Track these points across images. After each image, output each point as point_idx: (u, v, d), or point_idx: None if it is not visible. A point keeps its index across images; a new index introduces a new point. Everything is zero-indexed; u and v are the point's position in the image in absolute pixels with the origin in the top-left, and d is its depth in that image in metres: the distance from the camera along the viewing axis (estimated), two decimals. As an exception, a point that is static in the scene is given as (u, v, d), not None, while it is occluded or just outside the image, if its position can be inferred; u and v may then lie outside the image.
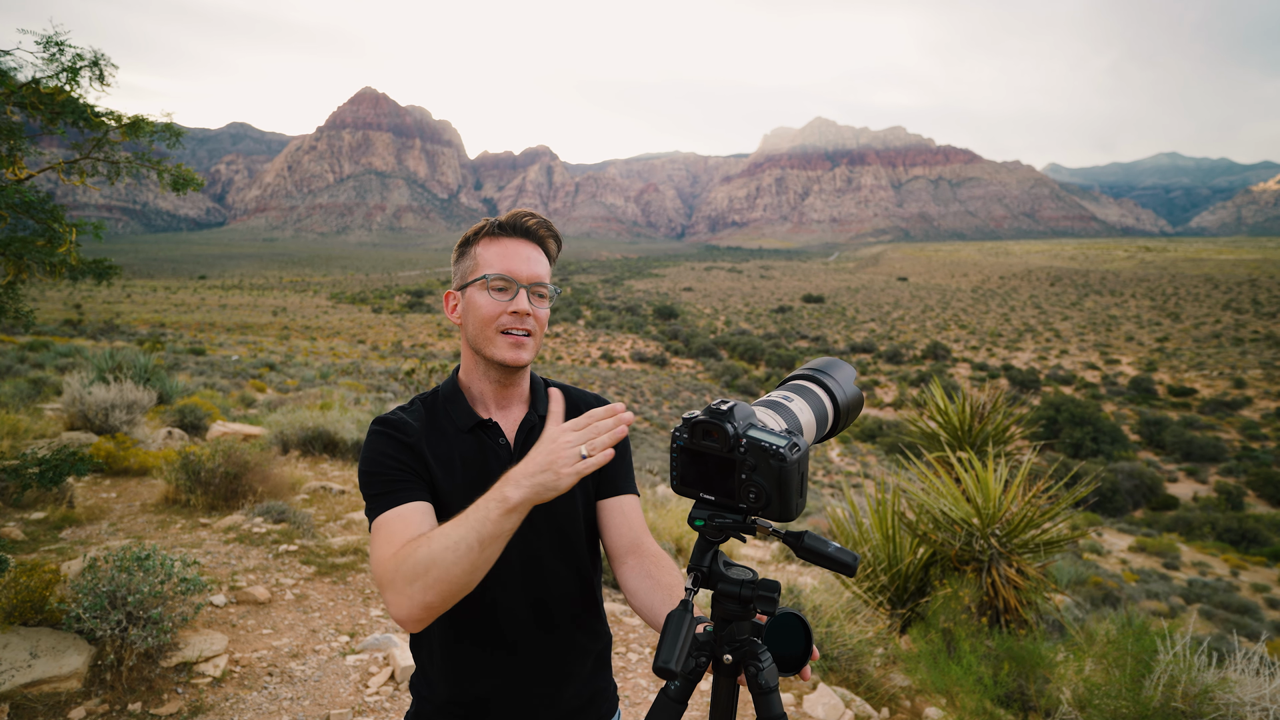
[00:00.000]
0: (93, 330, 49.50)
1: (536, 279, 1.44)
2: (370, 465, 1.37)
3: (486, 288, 1.42)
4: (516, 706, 1.43)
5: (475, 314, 1.43)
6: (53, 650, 3.18)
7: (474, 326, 1.44)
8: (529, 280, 1.43)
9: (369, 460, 1.38)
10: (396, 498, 1.32)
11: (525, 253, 1.45)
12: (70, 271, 4.02)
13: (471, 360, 1.49)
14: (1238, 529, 28.71)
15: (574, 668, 1.49)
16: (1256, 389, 71.19)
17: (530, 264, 1.44)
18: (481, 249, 1.45)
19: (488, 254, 1.44)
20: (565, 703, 1.47)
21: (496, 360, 1.43)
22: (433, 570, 1.14)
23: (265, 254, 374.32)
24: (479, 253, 1.45)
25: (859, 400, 1.28)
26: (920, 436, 6.36)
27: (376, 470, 1.36)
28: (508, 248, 1.44)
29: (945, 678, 3.81)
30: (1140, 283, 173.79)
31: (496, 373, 1.46)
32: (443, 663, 1.43)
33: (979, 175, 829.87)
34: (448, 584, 1.14)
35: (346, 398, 14.12)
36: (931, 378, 7.40)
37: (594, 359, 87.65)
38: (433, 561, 1.14)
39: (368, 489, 1.36)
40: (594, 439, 1.14)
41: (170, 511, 5.92)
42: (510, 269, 1.42)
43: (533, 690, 1.44)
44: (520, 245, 1.45)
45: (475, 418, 1.46)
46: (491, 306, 1.41)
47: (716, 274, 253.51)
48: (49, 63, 3.67)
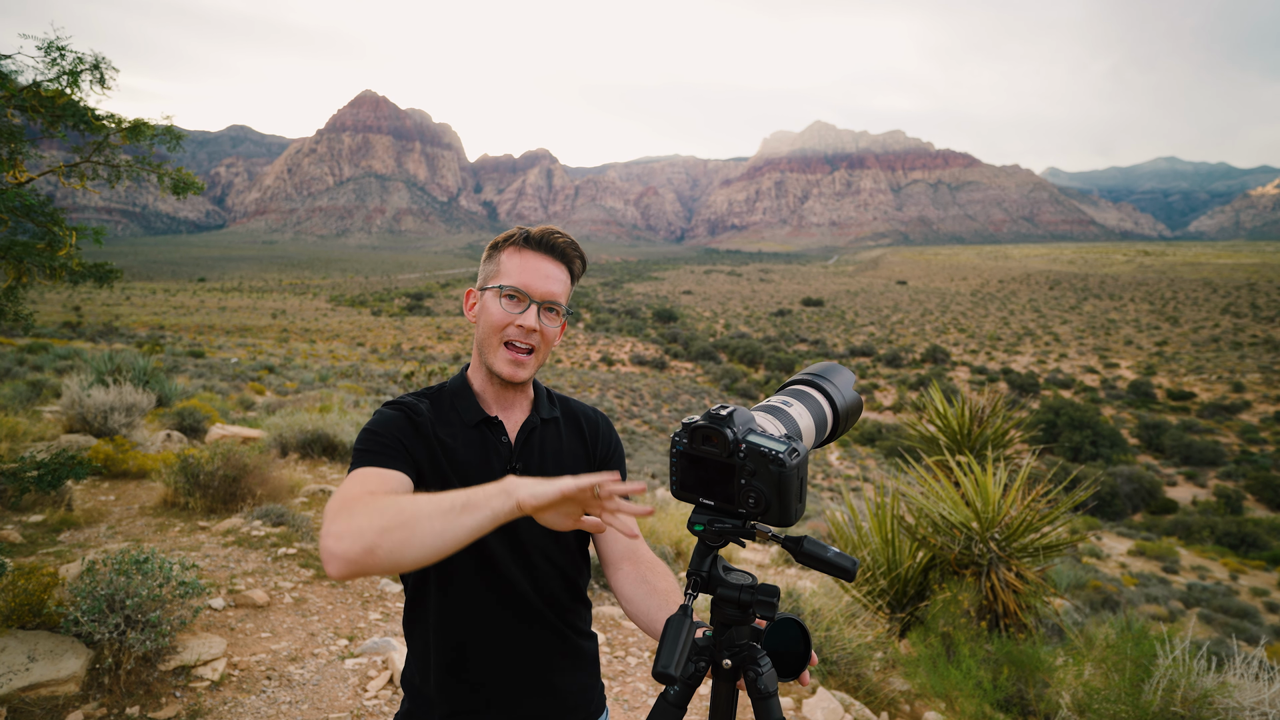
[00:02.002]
0: (92, 333, 49.49)
1: (551, 296, 1.45)
2: (375, 426, 1.37)
3: (500, 296, 1.43)
4: (507, 705, 1.44)
5: (485, 318, 1.45)
6: (50, 653, 3.17)
7: (483, 330, 1.46)
8: (543, 297, 1.44)
9: (375, 423, 1.38)
10: (386, 460, 1.31)
11: (546, 269, 1.46)
12: (71, 275, 4.02)
13: (478, 360, 1.51)
14: (1237, 533, 28.72)
15: (565, 665, 1.50)
16: (1255, 393, 71.25)
17: (548, 281, 1.45)
18: (506, 257, 1.46)
19: (511, 263, 1.45)
20: (556, 701, 1.49)
21: (494, 371, 1.45)
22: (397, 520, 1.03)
23: (265, 256, 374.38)
24: (503, 260, 1.46)
25: (858, 405, 1.29)
26: (919, 440, 6.36)
27: (380, 431, 1.36)
28: (530, 261, 1.45)
29: (945, 682, 3.81)
30: (1139, 287, 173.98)
31: (499, 380, 1.49)
32: (434, 659, 1.44)
33: (978, 179, 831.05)
34: (405, 539, 1.02)
35: (346, 400, 14.12)
36: (931, 381, 7.41)
37: (593, 362, 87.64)
38: (402, 514, 1.04)
39: (362, 444, 1.34)
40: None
41: (169, 514, 5.91)
42: (527, 282, 1.43)
43: (523, 689, 1.45)
44: (543, 261, 1.46)
45: (481, 413, 1.48)
46: (501, 315, 1.42)
47: (716, 277, 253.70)
48: (50, 66, 3.68)
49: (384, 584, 4.89)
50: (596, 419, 1.64)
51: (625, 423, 45.24)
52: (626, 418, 48.66)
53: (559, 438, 1.55)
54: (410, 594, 1.47)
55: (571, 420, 1.60)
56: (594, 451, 1.59)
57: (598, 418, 1.64)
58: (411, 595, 1.47)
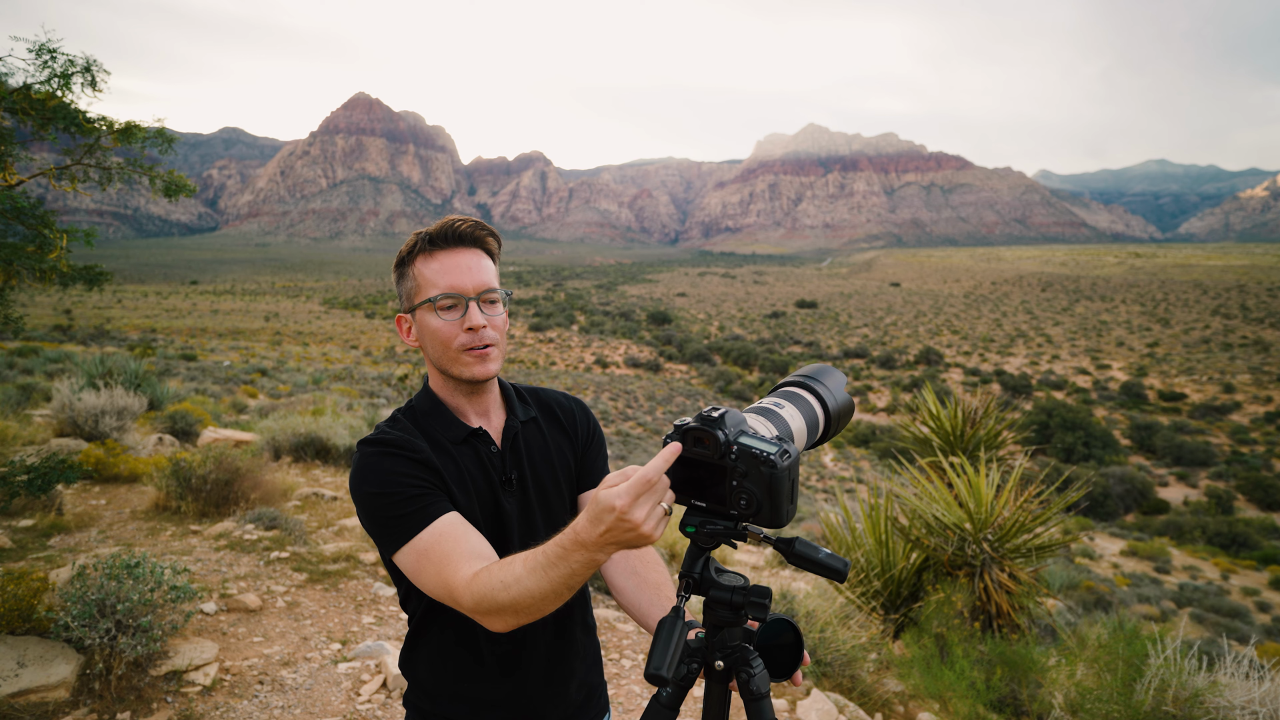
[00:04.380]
0: (83, 336, 49.19)
1: (483, 286, 1.37)
2: (384, 487, 1.27)
3: (434, 309, 1.35)
4: (522, 706, 1.44)
5: (432, 338, 1.38)
6: (40, 659, 3.15)
7: (434, 350, 1.39)
8: (476, 290, 1.36)
9: (382, 483, 1.28)
10: (428, 513, 1.25)
11: (465, 262, 1.37)
12: (61, 278, 3.99)
13: (440, 378, 1.45)
14: (1228, 533, 28.88)
15: (574, 664, 1.50)
16: (1245, 394, 71.74)
17: (473, 273, 1.37)
18: (420, 267, 1.38)
19: (427, 271, 1.36)
20: (568, 700, 1.49)
21: (466, 378, 1.39)
22: (520, 604, 1.13)
23: (258, 259, 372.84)
24: (419, 272, 1.37)
25: (850, 406, 1.29)
26: (913, 442, 6.39)
27: (394, 490, 1.27)
28: (446, 261, 1.36)
29: (938, 683, 3.82)
30: (1130, 288, 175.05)
31: (467, 387, 1.43)
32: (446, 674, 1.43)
33: (971, 181, 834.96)
34: (532, 614, 1.15)
35: (339, 403, 14.08)
36: (924, 383, 7.44)
37: (588, 364, 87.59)
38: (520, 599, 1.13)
39: (387, 512, 1.26)
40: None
41: (160, 519, 5.88)
42: (453, 284, 1.35)
43: (537, 689, 1.45)
44: (458, 255, 1.37)
45: (466, 428, 1.42)
46: (446, 329, 1.35)
47: (710, 279, 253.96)
48: (41, 69, 3.66)
49: (377, 588, 4.87)
50: (570, 404, 1.60)
51: (619, 425, 45.22)
52: (621, 420, 48.63)
53: (542, 436, 1.52)
54: (416, 622, 1.44)
55: (549, 414, 1.56)
56: (576, 438, 1.56)
57: (571, 402, 1.60)
58: (418, 623, 1.44)
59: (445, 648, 1.42)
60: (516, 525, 1.42)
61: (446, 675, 1.43)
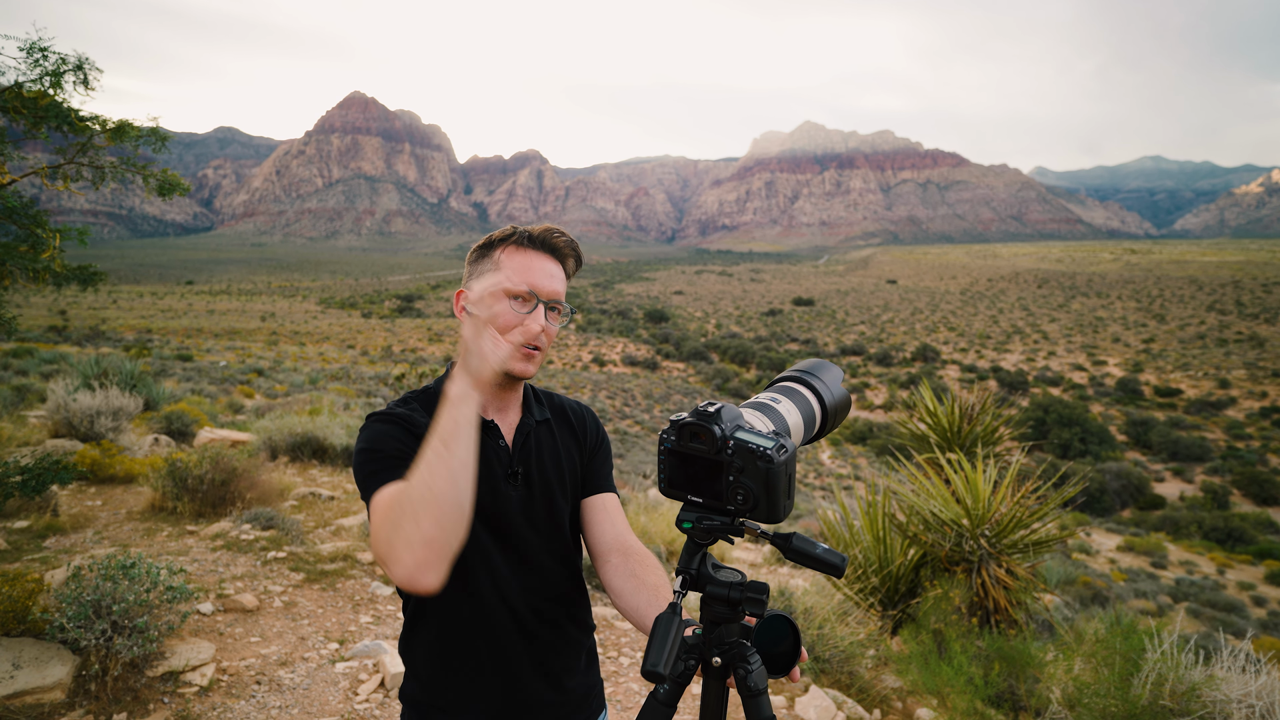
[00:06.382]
0: (78, 336, 49.03)
1: (556, 295, 1.44)
2: (373, 443, 1.34)
3: (509, 297, 1.41)
4: (516, 701, 1.44)
5: (490, 320, 1.41)
6: (36, 661, 3.14)
7: None
8: (549, 296, 1.43)
9: (373, 439, 1.35)
10: (397, 472, 1.28)
11: (550, 269, 1.44)
12: (54, 278, 3.97)
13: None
14: (1224, 528, 28.99)
15: (570, 660, 1.51)
16: (1240, 389, 72.01)
17: (552, 280, 1.44)
18: (506, 256, 1.43)
19: (512, 262, 1.42)
20: (564, 699, 1.49)
21: (506, 371, 1.41)
22: (415, 497, 1.10)
23: (253, 259, 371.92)
24: (502, 259, 1.43)
25: (846, 401, 1.29)
26: (910, 438, 6.39)
27: (380, 447, 1.33)
28: (534, 260, 1.43)
29: (936, 678, 3.82)
30: (1126, 284, 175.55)
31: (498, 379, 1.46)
32: (442, 668, 1.43)
33: (967, 178, 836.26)
34: (435, 503, 1.10)
35: (336, 403, 14.05)
36: (921, 380, 7.44)
37: (585, 363, 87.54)
38: (413, 490, 1.11)
39: (367, 465, 1.32)
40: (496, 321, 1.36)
41: (157, 519, 5.86)
42: (534, 283, 1.41)
43: (532, 684, 1.45)
44: (546, 261, 1.44)
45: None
46: (509, 316, 1.39)
47: (707, 277, 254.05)
48: (32, 67, 3.64)
49: (375, 587, 4.86)
50: (582, 411, 1.66)
51: (617, 423, 45.20)
52: (618, 418, 48.60)
53: (553, 437, 1.55)
54: (411, 611, 1.46)
55: (561, 416, 1.61)
56: (585, 443, 1.61)
57: (582, 409, 1.66)
58: (413, 612, 1.45)
59: (440, 635, 1.43)
60: (517, 515, 1.44)
61: (440, 664, 1.43)
